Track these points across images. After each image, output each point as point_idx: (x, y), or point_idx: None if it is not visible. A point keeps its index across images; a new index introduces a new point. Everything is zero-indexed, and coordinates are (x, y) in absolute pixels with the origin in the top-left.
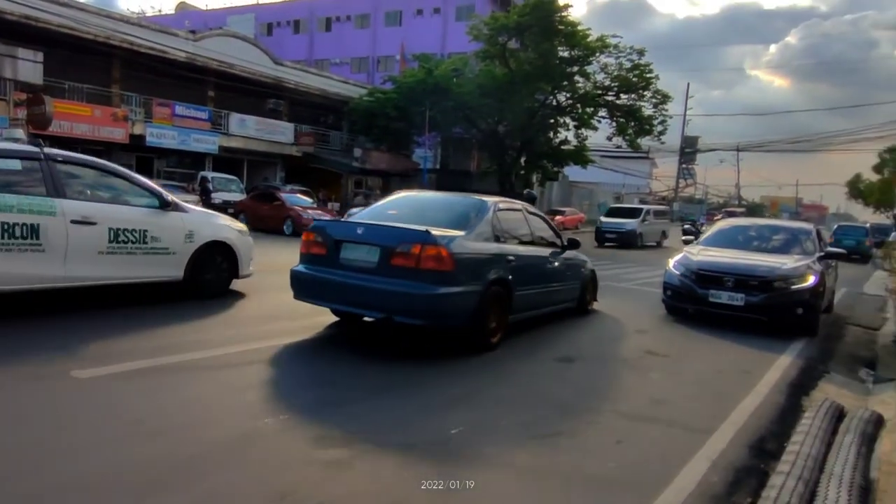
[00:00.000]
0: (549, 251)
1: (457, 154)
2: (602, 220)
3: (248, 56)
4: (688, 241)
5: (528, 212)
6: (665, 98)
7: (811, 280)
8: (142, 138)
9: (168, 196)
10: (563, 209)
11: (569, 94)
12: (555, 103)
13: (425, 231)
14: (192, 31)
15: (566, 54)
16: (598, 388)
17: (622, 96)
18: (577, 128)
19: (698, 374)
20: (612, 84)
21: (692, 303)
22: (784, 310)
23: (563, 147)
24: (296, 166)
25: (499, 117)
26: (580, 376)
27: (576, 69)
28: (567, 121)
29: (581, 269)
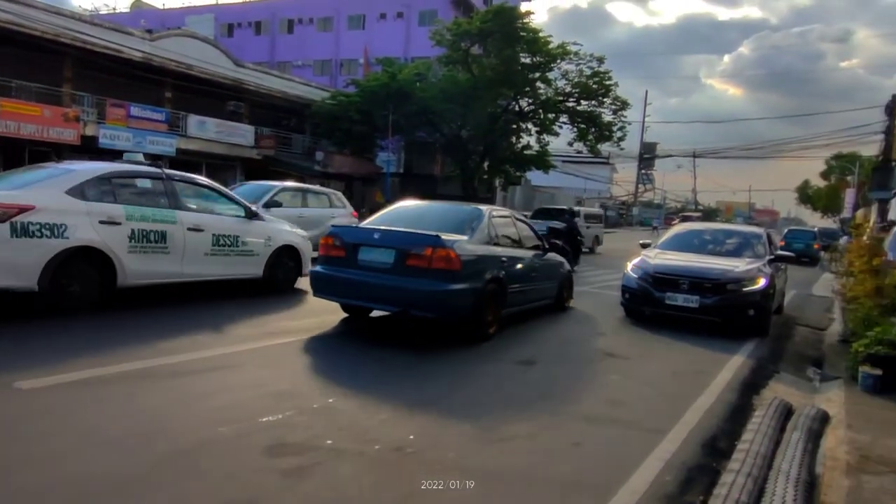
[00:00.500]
0: (532, 253)
1: (420, 158)
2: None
3: (207, 57)
4: (645, 246)
5: (516, 218)
6: (624, 105)
7: (762, 282)
8: (94, 140)
9: (252, 207)
10: (526, 213)
11: (531, 100)
12: (517, 109)
13: (436, 235)
14: (149, 31)
15: (528, 61)
16: (558, 390)
17: (583, 103)
18: (539, 133)
19: (655, 375)
20: (573, 90)
21: (649, 305)
22: (736, 311)
23: (526, 152)
24: (256, 169)
25: (462, 122)
26: (541, 379)
27: (537, 75)
28: (529, 126)
29: (559, 270)
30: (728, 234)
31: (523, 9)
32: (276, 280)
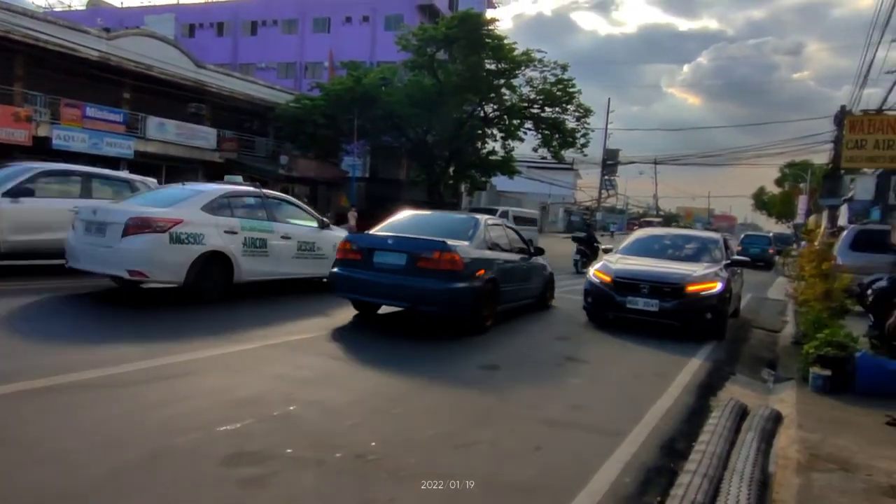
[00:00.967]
0: (520, 257)
1: (386, 163)
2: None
3: (167, 57)
4: (607, 251)
5: (508, 226)
6: (587, 112)
7: (718, 286)
8: (47, 141)
9: (324, 219)
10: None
11: (496, 106)
12: (482, 114)
13: (442, 241)
14: (106, 30)
15: (493, 67)
16: (520, 394)
17: (547, 109)
18: (504, 139)
19: (615, 378)
20: (538, 97)
21: (611, 309)
22: (694, 315)
23: (491, 157)
24: (218, 173)
25: (428, 127)
26: (503, 383)
27: (502, 82)
28: (494, 132)
29: (543, 272)
30: (687, 239)
31: (488, 16)
32: None
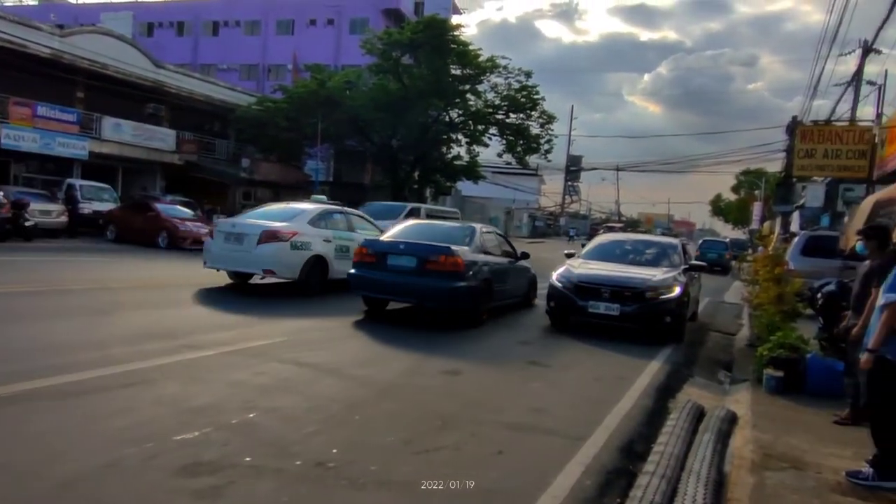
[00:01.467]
0: (508, 260)
1: (350, 167)
2: None
3: (124, 56)
4: (570, 256)
5: (497, 234)
6: (551, 118)
7: (677, 291)
8: None
9: (383, 228)
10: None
11: (461, 112)
12: (447, 119)
13: (447, 246)
14: (60, 26)
15: (458, 73)
16: (483, 399)
17: (511, 115)
18: (469, 144)
19: (577, 382)
20: (502, 103)
21: (573, 313)
22: (654, 318)
23: (456, 162)
24: (178, 175)
25: (392, 131)
26: (466, 388)
27: (467, 87)
28: (459, 137)
29: (527, 273)
30: (647, 244)
31: (454, 21)
32: None
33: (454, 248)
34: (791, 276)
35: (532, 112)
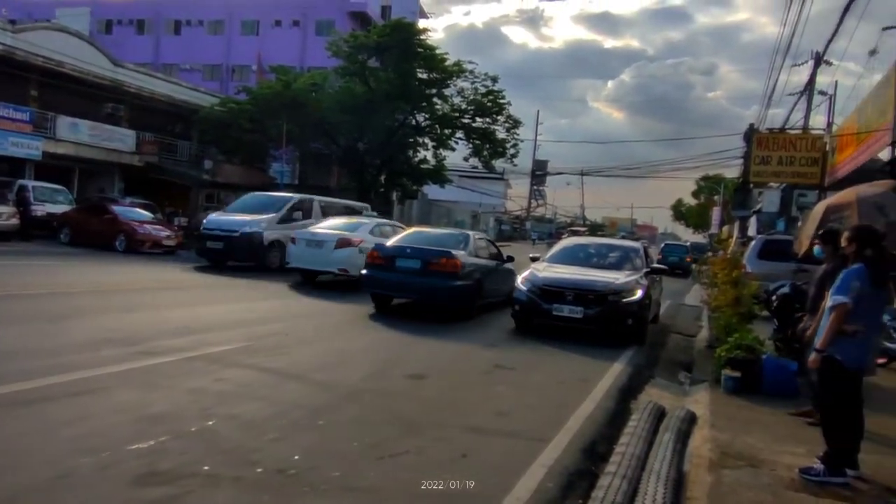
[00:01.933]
0: (495, 262)
1: (316, 169)
2: (211, 217)
3: (81, 54)
4: (535, 259)
5: (487, 239)
6: (516, 123)
7: (639, 294)
8: None
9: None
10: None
11: (427, 115)
12: (414, 123)
13: (448, 250)
14: (12, 22)
15: (425, 76)
16: (447, 403)
17: (478, 119)
18: (436, 148)
19: (541, 384)
20: (468, 108)
21: (538, 316)
22: (617, 321)
23: (423, 166)
24: (137, 177)
25: (359, 134)
26: (431, 392)
27: (434, 91)
28: (426, 141)
29: (512, 275)
30: (610, 248)
31: (421, 25)
32: None
33: (453, 252)
34: (748, 278)
35: (498, 116)
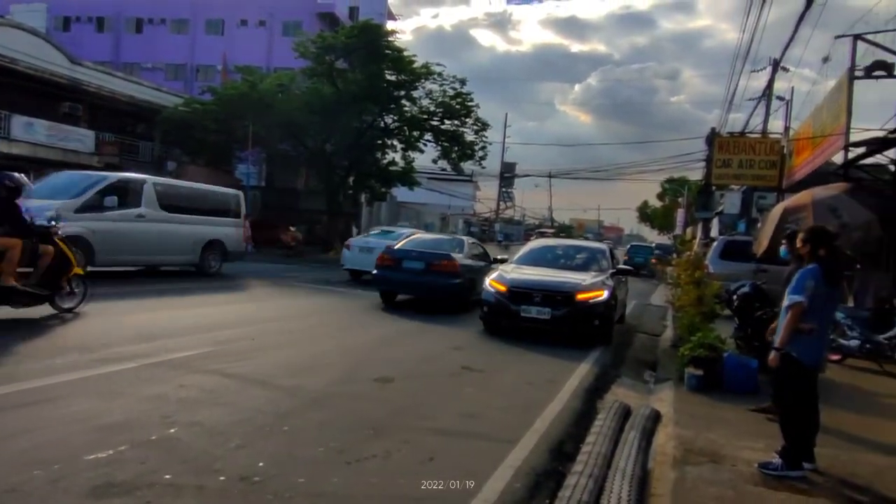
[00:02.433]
0: (483, 262)
1: (283, 171)
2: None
3: (37, 52)
4: (503, 261)
5: (478, 244)
6: (485, 126)
7: (605, 294)
8: None
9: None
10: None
11: (396, 117)
12: (382, 125)
13: (447, 253)
14: None
15: (393, 78)
16: (415, 406)
17: (446, 122)
18: (404, 150)
19: (509, 386)
20: (437, 110)
21: (506, 318)
22: (584, 321)
23: (391, 168)
24: None
25: (326, 136)
26: (398, 395)
27: (402, 93)
28: (394, 143)
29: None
30: (577, 249)
31: (389, 27)
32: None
33: (452, 254)
34: (710, 279)
35: (467, 119)
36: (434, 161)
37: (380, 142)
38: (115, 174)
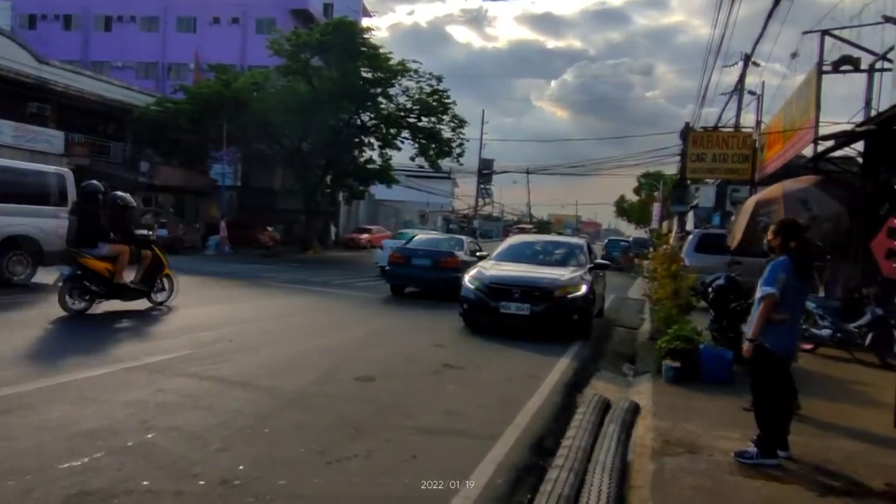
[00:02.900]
0: (478, 258)
1: (259, 171)
2: None
3: (2, 51)
4: (482, 258)
5: (475, 242)
6: (462, 122)
7: (583, 289)
8: None
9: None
10: (371, 227)
11: (372, 115)
12: (359, 123)
13: (450, 251)
14: None
15: (369, 76)
16: (396, 405)
17: (423, 119)
18: (382, 147)
19: (489, 382)
20: (414, 107)
21: (486, 314)
22: (563, 316)
23: (369, 166)
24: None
25: (303, 135)
26: (379, 395)
27: (379, 91)
28: (372, 140)
29: None
30: (555, 245)
31: (364, 24)
32: None
33: (454, 252)
34: (686, 272)
35: (444, 116)
36: (412, 158)
37: (357, 140)
38: None
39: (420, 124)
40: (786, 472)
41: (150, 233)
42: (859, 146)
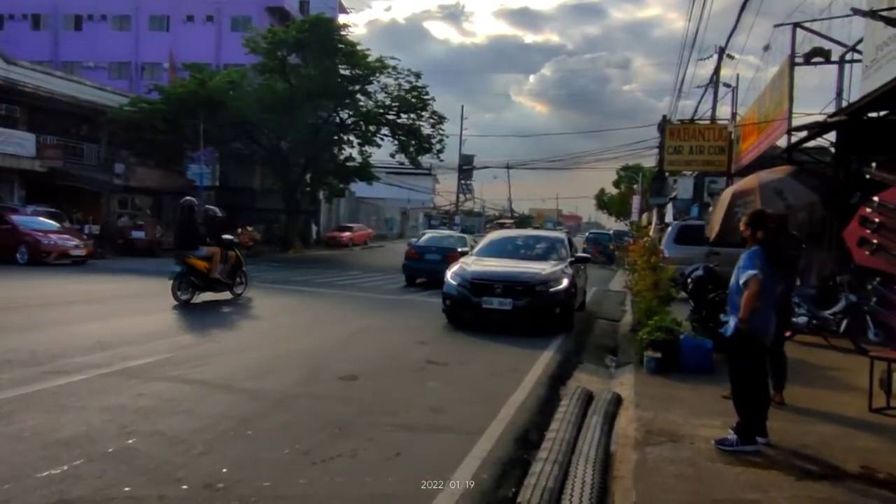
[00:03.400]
0: None
1: (237, 170)
2: None
3: None
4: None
5: (474, 238)
6: (441, 119)
7: (565, 283)
8: None
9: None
10: (352, 225)
11: (351, 112)
12: (338, 120)
13: (455, 247)
14: None
15: (347, 73)
16: (380, 403)
17: (402, 116)
18: (362, 145)
19: (473, 378)
20: (393, 104)
21: (469, 310)
22: (545, 310)
23: (349, 164)
24: (40, 184)
25: (281, 133)
26: (363, 393)
27: (357, 88)
28: (351, 138)
29: None
30: (536, 239)
31: (341, 21)
32: None
33: (458, 248)
34: (666, 263)
35: (423, 112)
36: (392, 155)
37: (336, 137)
38: None
39: (399, 121)
40: (765, 458)
41: (235, 238)
42: (831, 136)
